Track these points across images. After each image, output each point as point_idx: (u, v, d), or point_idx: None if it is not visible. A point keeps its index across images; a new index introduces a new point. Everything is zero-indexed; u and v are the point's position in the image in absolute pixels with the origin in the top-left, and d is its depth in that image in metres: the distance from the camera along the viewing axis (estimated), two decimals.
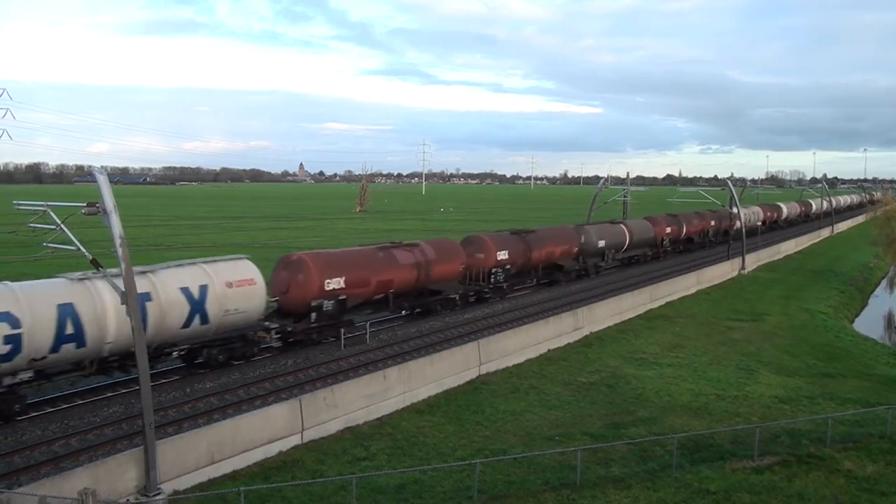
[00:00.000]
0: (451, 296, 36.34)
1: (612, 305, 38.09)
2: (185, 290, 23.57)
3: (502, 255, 39.59)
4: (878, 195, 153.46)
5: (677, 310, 42.12)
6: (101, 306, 20.80)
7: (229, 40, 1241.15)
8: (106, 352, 21.41)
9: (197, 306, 23.87)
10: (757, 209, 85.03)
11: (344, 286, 29.24)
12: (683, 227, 63.92)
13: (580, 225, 51.64)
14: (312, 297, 28.32)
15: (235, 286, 25.23)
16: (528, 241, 42.49)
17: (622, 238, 53.19)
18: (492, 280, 39.10)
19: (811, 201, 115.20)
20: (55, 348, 19.97)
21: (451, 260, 35.95)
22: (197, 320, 23.80)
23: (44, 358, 19.87)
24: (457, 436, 21.58)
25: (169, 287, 22.99)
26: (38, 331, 19.47)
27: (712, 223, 70.43)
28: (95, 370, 21.85)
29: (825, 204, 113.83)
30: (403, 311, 35.20)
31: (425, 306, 35.31)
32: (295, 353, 28.35)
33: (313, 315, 28.50)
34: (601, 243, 49.83)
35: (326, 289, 28.58)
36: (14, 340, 18.99)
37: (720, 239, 70.64)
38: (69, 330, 20.15)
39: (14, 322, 18.98)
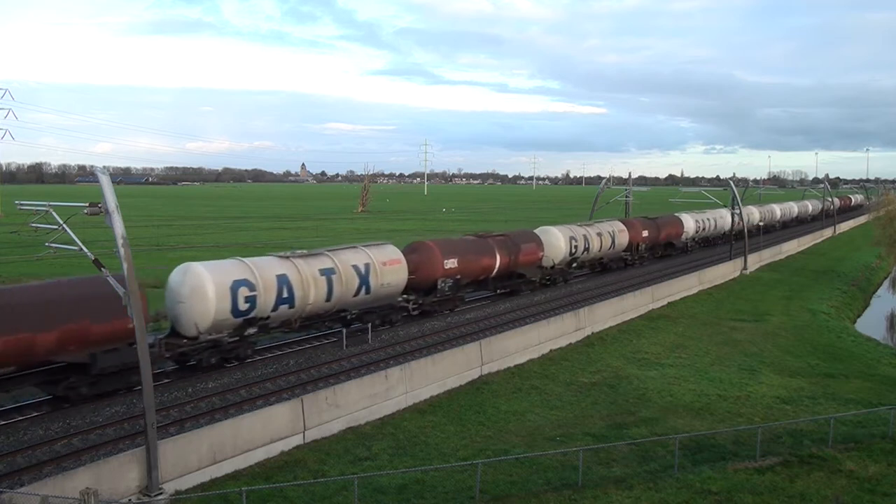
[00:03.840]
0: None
1: (613, 305, 38.07)
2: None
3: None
4: (860, 198, 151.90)
5: (679, 310, 42.07)
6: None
7: (235, 40, 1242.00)
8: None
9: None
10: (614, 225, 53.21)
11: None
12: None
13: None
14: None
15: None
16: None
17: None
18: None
19: (724, 213, 72.53)
20: None
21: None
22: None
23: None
24: (459, 436, 21.58)
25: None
26: None
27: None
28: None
29: (757, 215, 79.33)
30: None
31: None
32: (297, 353, 28.39)
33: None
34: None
35: None
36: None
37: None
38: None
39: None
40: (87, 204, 16.30)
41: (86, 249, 16.53)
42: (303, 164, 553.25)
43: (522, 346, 30.00)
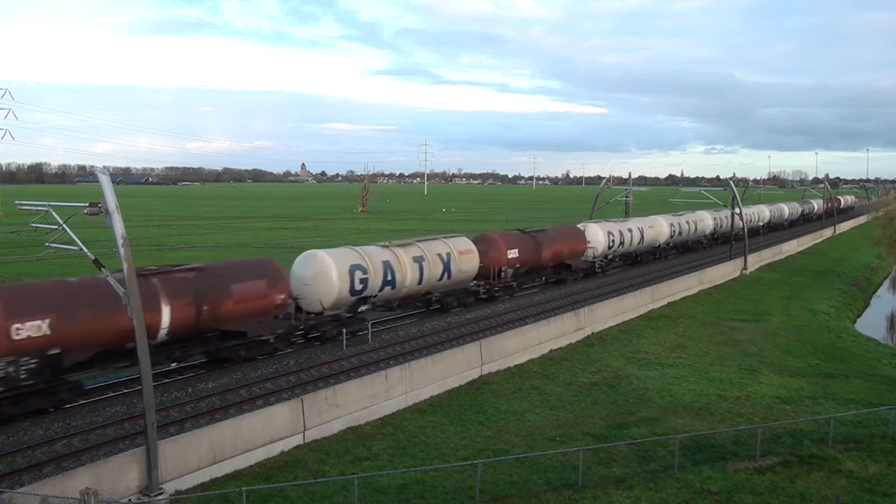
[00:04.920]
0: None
1: (613, 306, 38.06)
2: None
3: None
4: (850, 199, 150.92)
5: (679, 310, 42.07)
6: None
7: (236, 40, 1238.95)
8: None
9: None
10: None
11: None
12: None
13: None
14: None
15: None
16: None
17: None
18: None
19: (660, 221, 60.99)
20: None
21: None
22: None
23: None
24: (459, 436, 21.58)
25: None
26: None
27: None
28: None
29: (710, 222, 66.92)
30: None
31: None
32: (297, 353, 28.39)
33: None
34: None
35: None
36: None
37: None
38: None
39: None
40: (87, 204, 16.31)
41: (86, 249, 16.54)
42: (303, 164, 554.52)
43: (522, 346, 30.00)
